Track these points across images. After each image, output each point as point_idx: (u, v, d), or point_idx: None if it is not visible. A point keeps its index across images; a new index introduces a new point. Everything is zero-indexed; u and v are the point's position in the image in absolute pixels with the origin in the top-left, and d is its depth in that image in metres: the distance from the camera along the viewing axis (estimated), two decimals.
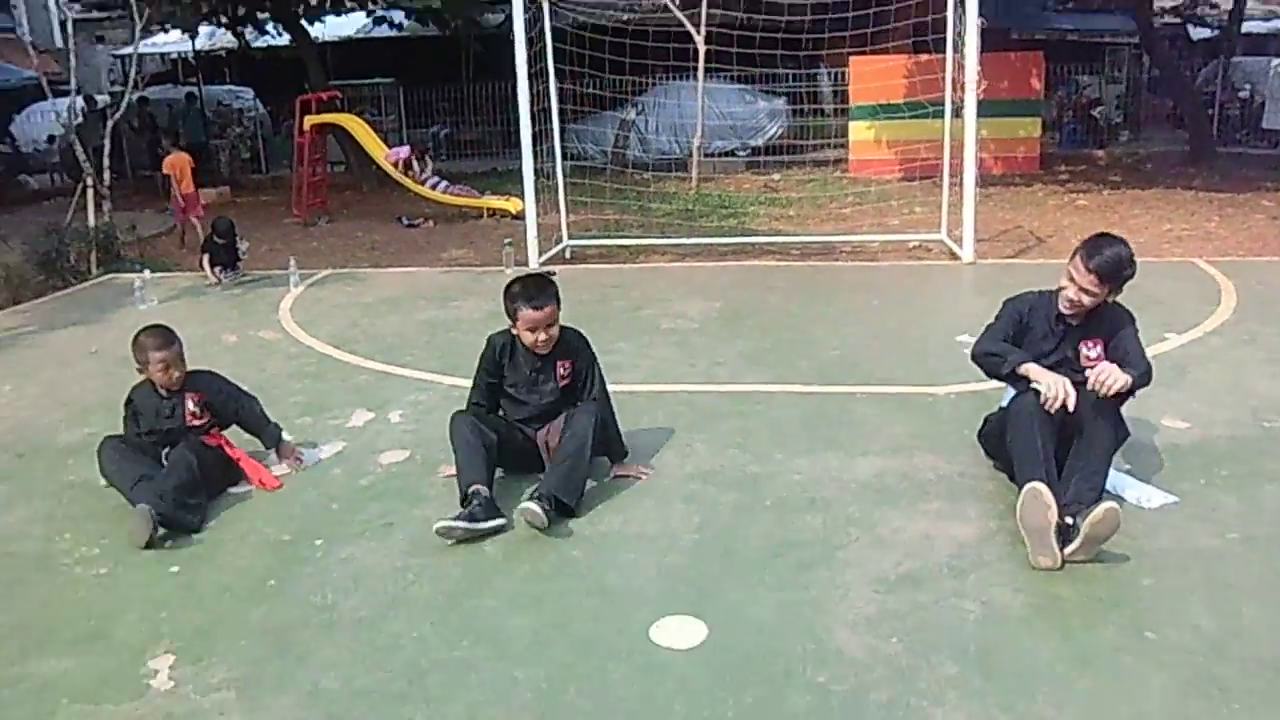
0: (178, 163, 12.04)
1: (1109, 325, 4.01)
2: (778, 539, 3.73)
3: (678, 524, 3.89)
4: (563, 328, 4.29)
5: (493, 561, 3.66)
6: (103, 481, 4.32)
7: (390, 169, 13.85)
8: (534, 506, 3.75)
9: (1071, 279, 3.90)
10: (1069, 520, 3.47)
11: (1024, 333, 4.08)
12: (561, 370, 4.31)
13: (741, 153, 18.35)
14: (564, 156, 10.52)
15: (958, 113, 9.43)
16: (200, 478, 4.17)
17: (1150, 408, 4.75)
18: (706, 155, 16.09)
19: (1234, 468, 4.22)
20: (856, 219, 11.64)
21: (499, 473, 4.19)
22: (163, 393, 4.44)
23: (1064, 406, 3.66)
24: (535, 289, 4.15)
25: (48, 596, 3.60)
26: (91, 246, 10.28)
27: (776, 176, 16.02)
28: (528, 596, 3.40)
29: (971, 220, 8.75)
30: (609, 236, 10.64)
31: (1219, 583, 3.30)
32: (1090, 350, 4.00)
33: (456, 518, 3.79)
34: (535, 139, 9.38)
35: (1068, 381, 3.71)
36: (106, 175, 11.10)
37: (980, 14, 8.43)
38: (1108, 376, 3.64)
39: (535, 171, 9.42)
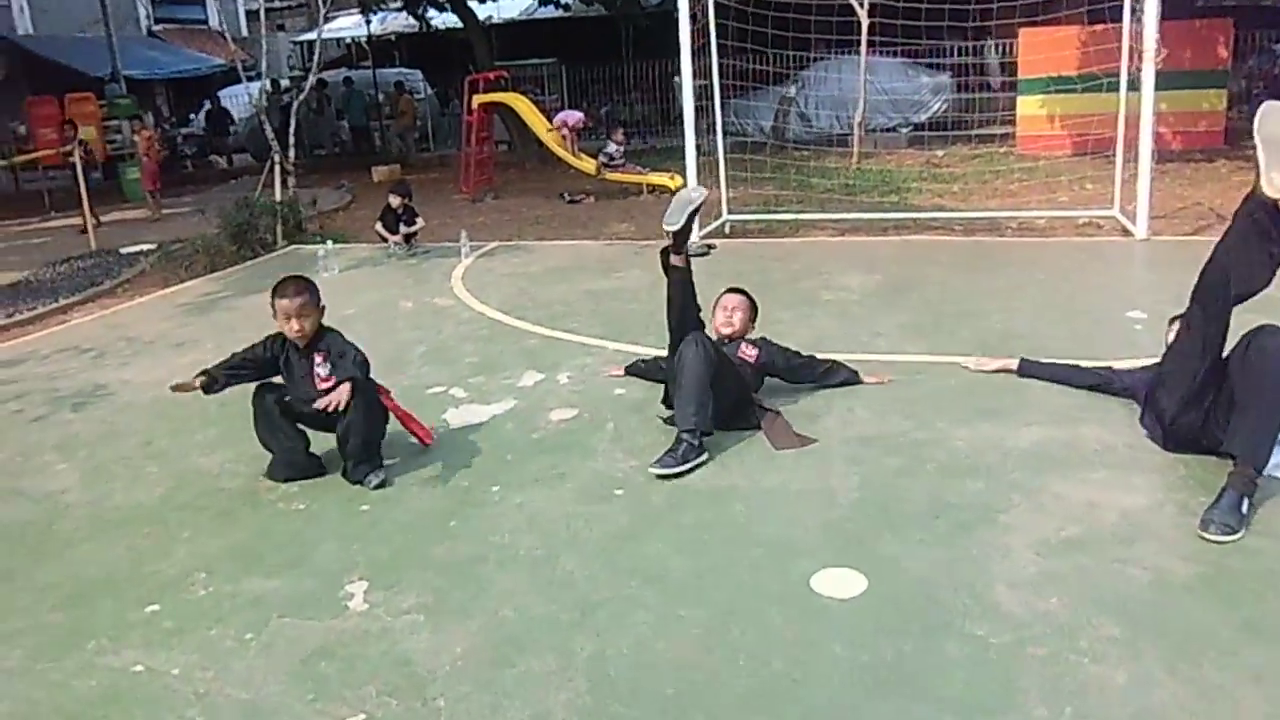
0: (143, 139, 15.19)
1: None
2: (938, 501, 3.77)
3: (838, 483, 3.97)
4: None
5: (658, 511, 3.83)
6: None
7: (556, 146, 14.15)
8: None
9: None
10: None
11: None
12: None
13: (904, 129, 18.02)
14: (724, 133, 10.61)
15: (1134, 85, 9.10)
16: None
17: None
18: (868, 131, 15.89)
19: None
20: (1024, 195, 11.35)
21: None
22: (299, 347, 4.38)
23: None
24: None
25: (255, 527, 3.96)
26: (278, 220, 10.97)
27: (940, 153, 15.68)
28: (692, 543, 3.56)
29: (1146, 196, 8.44)
30: (769, 212, 10.69)
31: None
32: None
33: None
34: (696, 115, 9.50)
35: None
36: (293, 152, 11.81)
37: None
38: None
39: (696, 148, 9.54)
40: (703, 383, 4.24)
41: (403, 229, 9.99)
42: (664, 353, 4.61)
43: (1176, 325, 4.73)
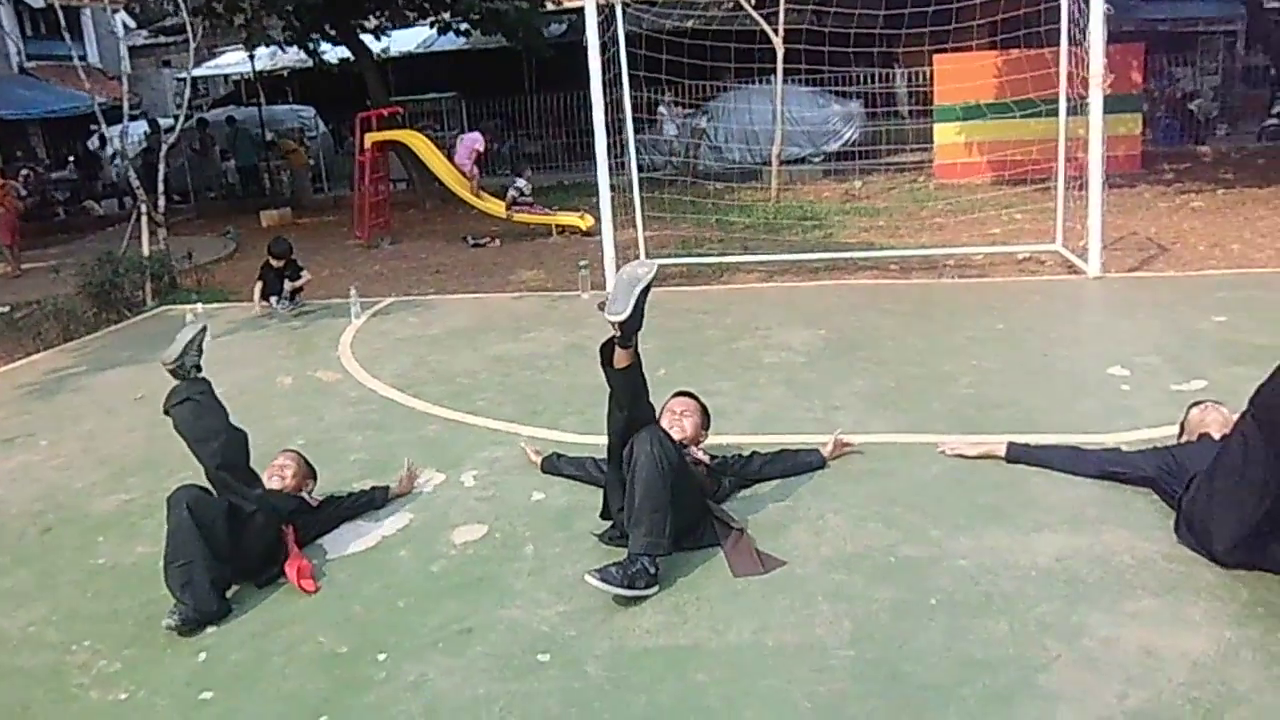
0: None
1: None
2: (958, 657, 2.93)
3: (825, 632, 3.11)
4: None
5: (598, 687, 2.91)
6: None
7: (459, 188, 13.22)
8: None
9: None
10: None
11: None
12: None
13: (815, 159, 17.50)
14: (638, 168, 9.80)
15: (1074, 110, 8.63)
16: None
17: None
18: (781, 163, 15.30)
19: None
20: (954, 229, 10.76)
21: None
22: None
23: None
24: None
25: None
26: (146, 277, 9.80)
27: (858, 184, 15.16)
28: None
29: (1099, 230, 7.89)
30: (689, 254, 9.88)
31: None
32: None
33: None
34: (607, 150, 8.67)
35: None
36: (162, 201, 10.64)
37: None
38: None
39: (610, 186, 8.69)
40: (661, 494, 3.37)
41: (287, 285, 8.90)
42: (586, 440, 3.71)
43: (1195, 411, 4.05)
